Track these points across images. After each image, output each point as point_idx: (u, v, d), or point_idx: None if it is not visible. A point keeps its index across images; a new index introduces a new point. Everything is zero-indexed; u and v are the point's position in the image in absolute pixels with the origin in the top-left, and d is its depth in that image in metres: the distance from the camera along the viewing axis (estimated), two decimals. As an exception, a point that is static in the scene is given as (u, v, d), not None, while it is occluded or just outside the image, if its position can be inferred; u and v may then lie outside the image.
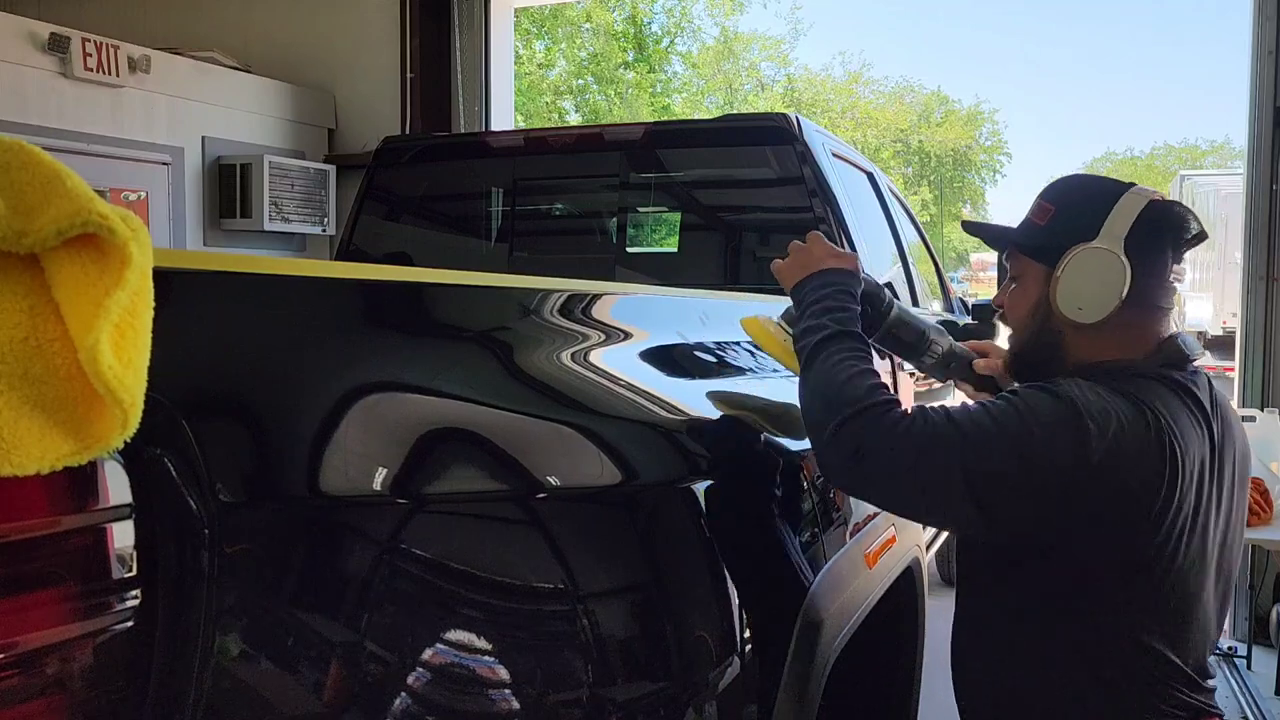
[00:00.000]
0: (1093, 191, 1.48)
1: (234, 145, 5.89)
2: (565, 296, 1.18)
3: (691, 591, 1.09)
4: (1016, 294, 1.52)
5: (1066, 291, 1.41)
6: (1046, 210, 1.48)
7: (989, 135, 31.56)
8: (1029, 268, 1.49)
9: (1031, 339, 1.50)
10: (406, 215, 3.44)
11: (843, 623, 1.43)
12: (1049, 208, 1.47)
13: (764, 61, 26.28)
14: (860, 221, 2.80)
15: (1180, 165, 32.22)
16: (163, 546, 0.63)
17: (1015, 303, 1.52)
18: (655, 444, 1.12)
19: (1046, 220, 1.47)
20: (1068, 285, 1.41)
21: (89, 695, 0.60)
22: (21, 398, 0.54)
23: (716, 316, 1.62)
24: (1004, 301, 1.56)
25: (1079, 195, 1.49)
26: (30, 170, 0.57)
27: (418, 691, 0.77)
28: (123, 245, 0.55)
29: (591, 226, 3.39)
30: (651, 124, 3.10)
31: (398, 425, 0.82)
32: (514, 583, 0.87)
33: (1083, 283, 1.41)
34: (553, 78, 21.19)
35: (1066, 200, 1.48)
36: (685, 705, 1.03)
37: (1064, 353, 1.46)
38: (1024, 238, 1.50)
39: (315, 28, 6.46)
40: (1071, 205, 1.46)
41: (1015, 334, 1.54)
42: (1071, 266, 1.41)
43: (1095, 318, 1.40)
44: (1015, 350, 1.55)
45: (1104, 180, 1.53)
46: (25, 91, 4.78)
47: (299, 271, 0.90)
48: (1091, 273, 1.40)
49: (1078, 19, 54.18)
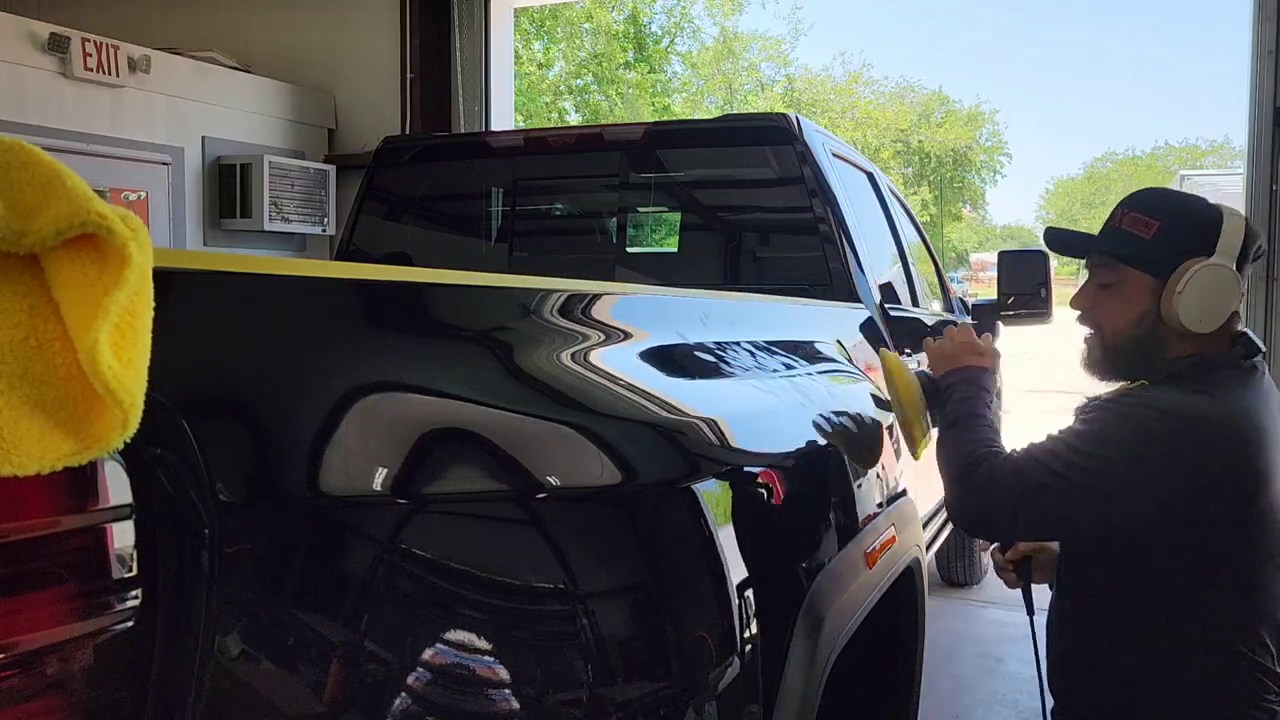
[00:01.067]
0: (1194, 209, 1.59)
1: (234, 145, 5.89)
2: (565, 296, 1.17)
3: (691, 591, 1.09)
4: (1113, 302, 1.60)
5: (1189, 304, 1.51)
6: (1149, 224, 1.55)
7: (989, 135, 31.60)
8: (1133, 278, 1.57)
9: (1134, 344, 1.60)
10: (406, 215, 3.44)
11: (843, 623, 1.43)
12: (1152, 222, 1.55)
13: (764, 61, 26.29)
14: (860, 221, 2.80)
15: (1180, 165, 32.24)
16: (163, 546, 0.63)
17: (1114, 310, 1.61)
18: (655, 444, 1.12)
19: (1152, 233, 1.55)
20: (1190, 298, 1.51)
21: (89, 695, 0.60)
22: (21, 398, 0.54)
23: (716, 316, 1.62)
24: (1091, 306, 1.64)
25: (1182, 211, 1.58)
26: (30, 170, 0.57)
27: (418, 691, 0.77)
28: (122, 245, 0.55)
29: (591, 226, 3.39)
30: (651, 124, 3.09)
31: (398, 425, 0.82)
32: (514, 583, 0.87)
33: (1205, 296, 1.51)
34: (552, 78, 21.18)
35: (1172, 216, 1.56)
36: (685, 705, 1.03)
37: (1164, 353, 1.58)
38: (1129, 249, 1.57)
39: (315, 28, 6.46)
40: (1178, 221, 1.55)
41: (1112, 338, 1.63)
42: (1195, 281, 1.50)
43: (1213, 327, 1.53)
44: (1111, 353, 1.64)
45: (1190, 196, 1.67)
46: (25, 91, 4.78)
47: (299, 271, 0.90)
48: (1213, 287, 1.51)
49: (1078, 19, 54.13)
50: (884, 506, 1.77)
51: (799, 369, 1.73)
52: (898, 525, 1.79)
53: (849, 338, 2.23)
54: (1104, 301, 1.62)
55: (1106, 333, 1.63)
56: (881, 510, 1.74)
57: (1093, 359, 1.67)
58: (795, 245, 2.89)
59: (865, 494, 1.66)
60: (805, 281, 2.62)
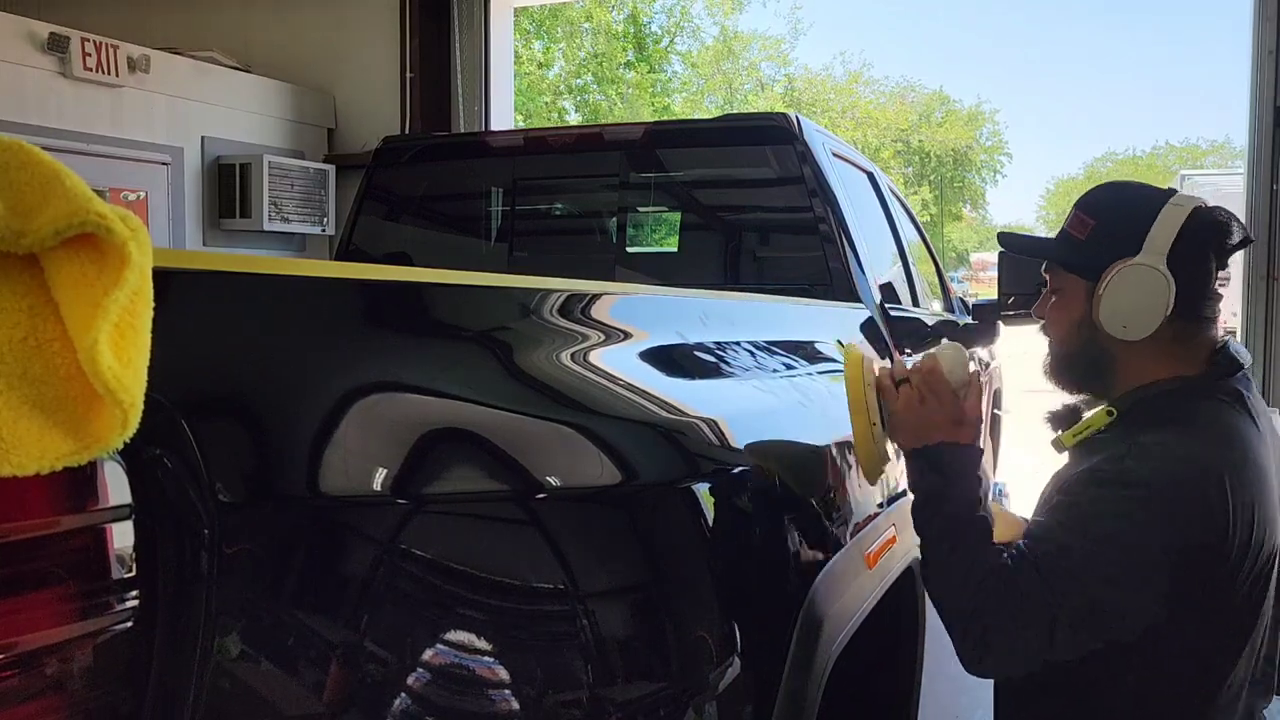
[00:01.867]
0: (1133, 204, 1.45)
1: (234, 145, 5.89)
2: (565, 296, 1.17)
3: (691, 591, 1.09)
4: (1058, 308, 1.51)
5: (1110, 309, 1.40)
6: (1086, 223, 1.46)
7: (989, 135, 31.60)
8: (1069, 282, 1.47)
9: (1078, 354, 1.49)
10: (406, 215, 3.44)
11: (843, 623, 1.43)
12: (1089, 221, 1.46)
13: (764, 61, 26.29)
14: (860, 221, 2.80)
15: (1180, 165, 32.24)
16: (163, 546, 0.63)
17: (1057, 317, 1.50)
18: (655, 444, 1.12)
19: (1086, 234, 1.45)
20: (1111, 303, 1.39)
21: (89, 695, 0.60)
22: (21, 397, 0.54)
23: (716, 316, 1.62)
24: (1045, 314, 1.54)
25: (1118, 208, 1.47)
26: (29, 170, 0.56)
27: (418, 692, 0.77)
28: (121, 245, 0.55)
29: (591, 226, 3.39)
30: (651, 124, 3.10)
31: (398, 425, 0.82)
32: (514, 583, 0.87)
33: (1126, 300, 1.39)
34: (552, 77, 21.19)
35: (1106, 213, 1.46)
36: (685, 705, 1.03)
37: (1115, 370, 1.45)
38: (1063, 252, 1.48)
39: (315, 28, 6.46)
40: (1112, 219, 1.45)
41: (1059, 347, 1.53)
42: (1114, 284, 1.39)
43: (1141, 334, 1.39)
44: (1060, 363, 1.53)
45: (1143, 190, 1.50)
46: (25, 91, 4.78)
47: (299, 271, 0.90)
48: (1135, 290, 1.38)
49: (1078, 19, 54.18)
50: (884, 506, 1.77)
51: (799, 369, 1.73)
52: (898, 525, 1.79)
53: (849, 338, 2.23)
54: (1052, 310, 1.52)
55: (1053, 342, 1.53)
56: (881, 510, 1.74)
57: (1047, 369, 1.57)
58: (795, 245, 2.89)
59: (865, 494, 1.66)
60: (805, 281, 2.62)
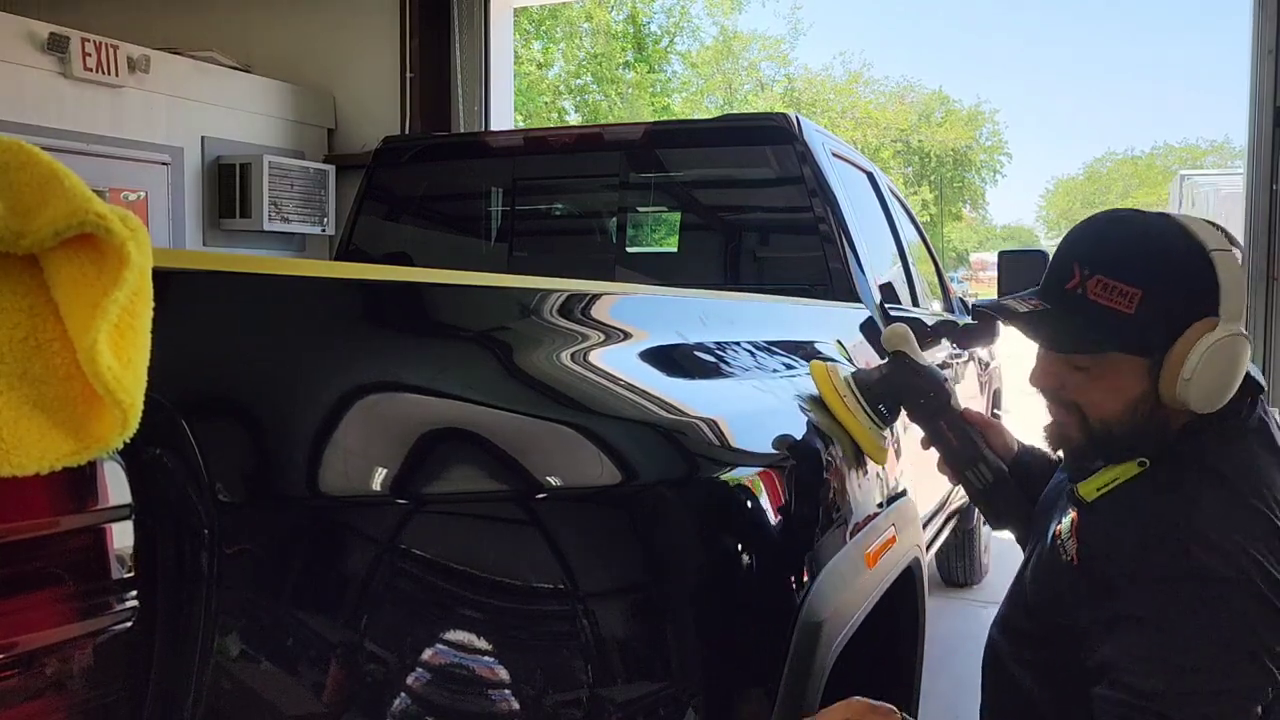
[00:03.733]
0: (1176, 263, 1.28)
1: (233, 145, 5.89)
2: (565, 296, 1.17)
3: (691, 591, 1.09)
4: (1096, 388, 1.33)
5: (1201, 389, 1.25)
6: (1129, 294, 1.27)
7: (989, 135, 31.60)
8: (1118, 361, 1.31)
9: (1132, 432, 1.33)
10: (406, 215, 3.44)
11: (843, 623, 1.43)
12: (1131, 291, 1.27)
13: (764, 61, 26.30)
14: (860, 221, 2.80)
15: (1180, 165, 32.26)
16: (163, 547, 0.63)
17: (1098, 397, 1.33)
18: (655, 444, 1.12)
19: (1136, 308, 1.27)
20: (1202, 383, 1.25)
21: (89, 695, 0.60)
22: (21, 398, 0.54)
23: (716, 316, 1.62)
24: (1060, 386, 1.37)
25: (1164, 271, 1.29)
26: (28, 170, 0.56)
27: (418, 692, 0.77)
28: (120, 245, 0.55)
29: (591, 226, 3.39)
30: (651, 124, 3.10)
31: (398, 425, 0.82)
32: (514, 583, 0.87)
33: (1217, 376, 1.25)
34: (552, 77, 21.18)
35: (1149, 278, 1.28)
36: (685, 705, 1.03)
37: (1166, 432, 1.33)
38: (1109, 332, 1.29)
39: (315, 28, 6.46)
40: (1161, 285, 1.27)
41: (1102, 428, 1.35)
42: (1207, 361, 1.24)
43: (1226, 400, 1.28)
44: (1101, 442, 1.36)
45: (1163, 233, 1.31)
46: (25, 91, 4.78)
47: (299, 271, 0.90)
48: (1227, 363, 1.25)
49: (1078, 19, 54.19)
50: (884, 506, 1.77)
51: (799, 369, 1.73)
52: (898, 525, 1.79)
53: (849, 338, 2.23)
54: (1080, 385, 1.34)
55: (1093, 420, 1.35)
56: (881, 510, 1.74)
57: (1071, 442, 1.40)
58: (795, 245, 2.89)
59: (865, 494, 1.66)
60: (805, 281, 2.62)
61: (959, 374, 3.50)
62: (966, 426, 1.69)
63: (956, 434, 1.69)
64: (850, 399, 1.58)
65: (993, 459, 1.69)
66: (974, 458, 1.68)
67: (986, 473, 1.68)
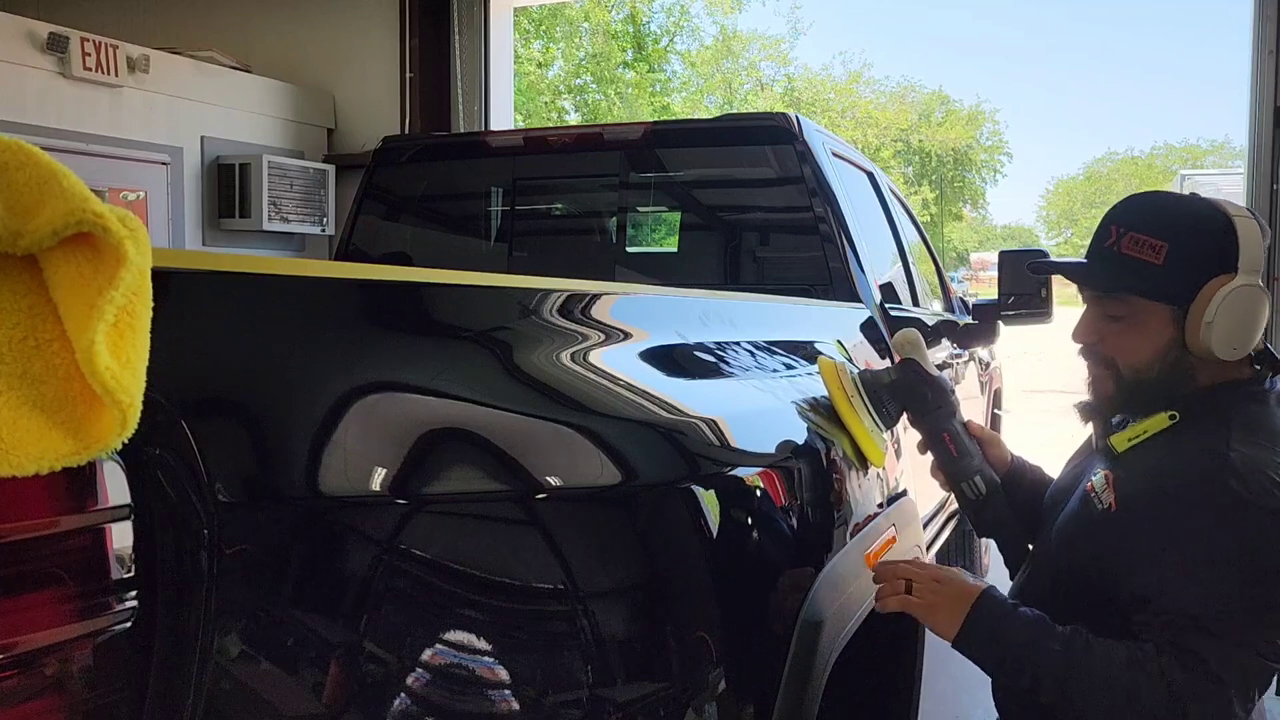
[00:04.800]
0: (1198, 219, 1.44)
1: (233, 145, 5.89)
2: (565, 296, 1.17)
3: (691, 592, 1.09)
4: (1129, 336, 1.47)
5: (1224, 333, 1.39)
6: (1156, 246, 1.42)
7: (989, 135, 31.62)
8: (1148, 309, 1.44)
9: (1162, 379, 1.46)
10: (406, 215, 3.44)
11: (843, 623, 1.43)
12: (1157, 243, 1.42)
13: (763, 61, 26.29)
14: (860, 221, 2.80)
15: (1180, 164, 32.28)
16: (162, 547, 0.63)
17: (1130, 345, 1.47)
18: (655, 444, 1.12)
19: (1164, 259, 1.41)
20: (1223, 327, 1.38)
21: (89, 695, 0.60)
22: (21, 398, 0.54)
23: (716, 316, 1.62)
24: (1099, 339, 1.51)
25: (1187, 226, 1.44)
26: (27, 170, 0.56)
27: (418, 692, 0.77)
28: (118, 244, 0.55)
29: (591, 226, 3.39)
30: (651, 124, 3.09)
31: (398, 425, 0.82)
32: (514, 583, 0.87)
33: (1238, 322, 1.39)
34: (552, 77, 21.18)
35: (1175, 233, 1.43)
36: (685, 705, 1.03)
37: (1191, 381, 1.46)
38: (1140, 280, 1.43)
39: (315, 28, 6.46)
40: (1186, 239, 1.42)
41: (1134, 375, 1.48)
42: (1225, 307, 1.38)
43: (1247, 352, 1.42)
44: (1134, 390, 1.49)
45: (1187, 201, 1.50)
46: (24, 91, 4.78)
47: (299, 271, 0.90)
48: (1246, 311, 1.39)
49: (1078, 19, 54.20)
50: (884, 506, 1.77)
51: (799, 369, 1.73)
52: (898, 525, 1.79)
53: (849, 338, 2.23)
54: (1115, 335, 1.48)
55: (1124, 368, 1.48)
56: (881, 510, 1.74)
57: (1106, 395, 1.52)
58: (795, 245, 2.89)
59: (865, 494, 1.66)
60: (805, 281, 2.62)
61: (959, 374, 3.50)
62: (968, 440, 1.71)
63: (958, 446, 1.70)
64: (856, 399, 1.60)
65: (989, 473, 1.72)
66: (971, 470, 1.70)
67: (981, 485, 1.70)
